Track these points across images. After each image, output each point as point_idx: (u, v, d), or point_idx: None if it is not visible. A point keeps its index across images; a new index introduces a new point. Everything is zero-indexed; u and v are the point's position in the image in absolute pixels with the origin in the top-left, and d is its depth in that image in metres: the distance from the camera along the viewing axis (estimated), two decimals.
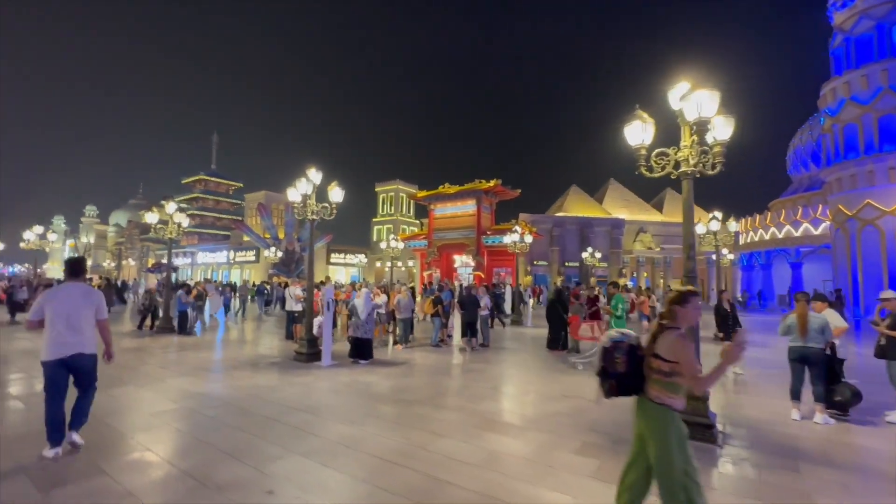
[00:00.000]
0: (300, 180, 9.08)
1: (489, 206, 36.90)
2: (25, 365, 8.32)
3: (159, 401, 5.94)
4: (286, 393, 6.36)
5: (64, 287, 4.30)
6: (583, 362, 8.80)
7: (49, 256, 78.45)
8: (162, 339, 11.62)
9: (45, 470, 3.72)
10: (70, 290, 4.23)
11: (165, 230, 13.43)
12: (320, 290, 10.63)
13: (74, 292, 4.21)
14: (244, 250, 44.44)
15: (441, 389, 6.79)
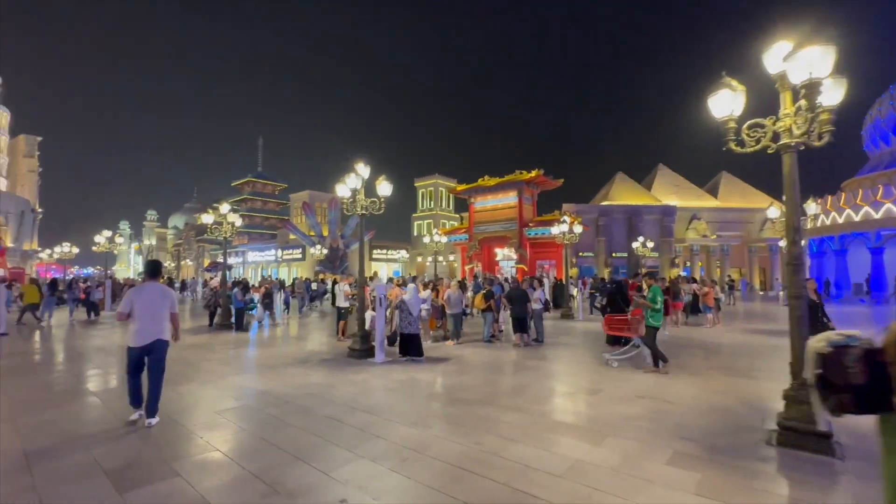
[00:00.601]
0: (349, 175, 8.97)
1: (531, 198, 35.99)
2: (101, 361, 8.76)
3: (222, 398, 5.99)
4: (344, 391, 6.24)
5: (146, 286, 5.08)
6: (617, 359, 8.22)
7: (117, 259, 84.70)
8: (221, 336, 12.00)
9: (122, 471, 3.72)
10: (151, 288, 5.03)
11: (220, 230, 13.87)
12: (369, 286, 10.58)
13: (154, 290, 5.02)
14: (291, 248, 45.93)
15: (501, 388, 6.46)
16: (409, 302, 8.68)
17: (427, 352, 9.08)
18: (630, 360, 8.09)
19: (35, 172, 51.51)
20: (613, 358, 8.24)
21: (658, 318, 7.56)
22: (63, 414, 5.36)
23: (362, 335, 8.86)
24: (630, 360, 8.09)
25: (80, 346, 10.44)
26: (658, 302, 7.55)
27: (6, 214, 38.83)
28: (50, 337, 12.05)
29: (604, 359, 8.37)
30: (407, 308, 8.65)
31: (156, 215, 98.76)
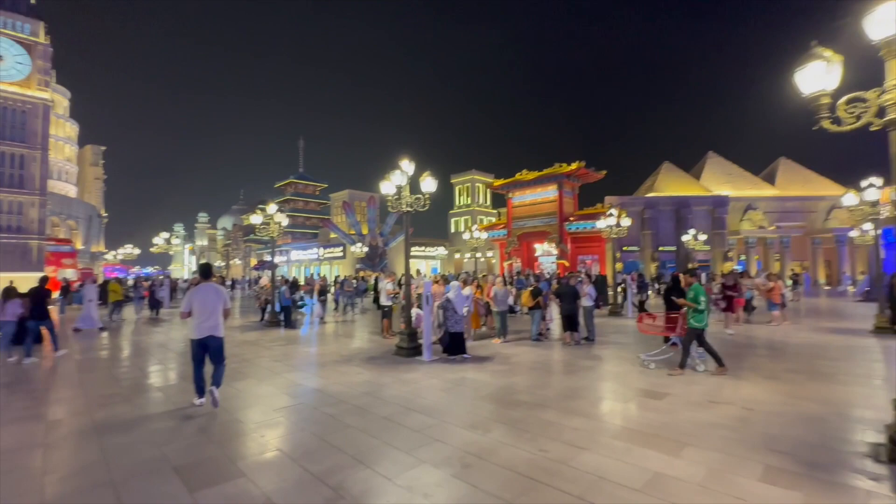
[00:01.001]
0: (393, 173, 8.91)
1: (571, 191, 34.98)
2: (162, 356, 9.18)
3: (279, 396, 6.06)
4: (397, 391, 6.16)
5: (202, 286, 5.59)
6: (655, 360, 7.68)
7: (173, 259, 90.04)
8: (271, 333, 12.34)
9: (191, 469, 3.77)
10: (207, 288, 5.57)
11: (268, 230, 14.27)
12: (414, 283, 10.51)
13: (210, 290, 5.56)
14: (332, 247, 47.06)
15: (558, 390, 6.16)
16: (453, 300, 8.53)
17: (472, 350, 8.90)
18: (666, 362, 7.55)
19: (100, 180, 55.53)
20: (650, 359, 7.75)
21: (701, 318, 7.00)
22: (132, 408, 5.58)
23: (409, 333, 8.79)
24: (666, 362, 7.55)
25: (144, 342, 11.02)
26: (701, 301, 7.01)
27: (76, 219, 42.05)
28: (119, 333, 12.81)
29: (640, 360, 7.91)
30: (452, 306, 8.50)
31: (206, 217, 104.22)
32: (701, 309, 6.96)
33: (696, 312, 7.00)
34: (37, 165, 27.64)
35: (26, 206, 27.17)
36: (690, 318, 7.04)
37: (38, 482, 3.59)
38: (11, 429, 4.87)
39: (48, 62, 28.48)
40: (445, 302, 8.52)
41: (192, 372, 5.56)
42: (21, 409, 5.63)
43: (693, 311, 7.01)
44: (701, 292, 7.03)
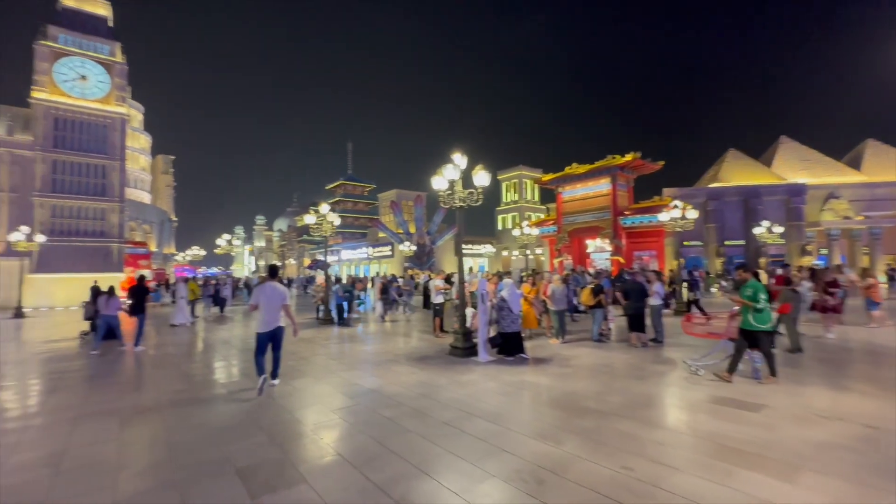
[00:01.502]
0: (445, 167, 8.64)
1: (625, 184, 33.19)
2: (226, 353, 9.49)
3: (335, 395, 5.96)
4: (455, 393, 5.88)
5: (267, 284, 6.31)
6: (701, 365, 6.85)
7: (234, 259, 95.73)
8: (325, 331, 12.52)
9: (252, 472, 3.68)
10: (271, 286, 6.26)
11: (321, 229, 14.53)
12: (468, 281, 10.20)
13: (273, 288, 6.24)
14: (380, 246, 47.87)
15: (631, 397, 5.61)
16: (508, 299, 8.12)
17: (529, 351, 8.45)
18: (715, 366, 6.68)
19: (170, 187, 59.96)
20: (696, 364, 6.94)
21: (764, 318, 6.16)
22: (197, 405, 5.69)
23: (464, 333, 8.49)
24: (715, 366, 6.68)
25: (211, 339, 11.51)
26: (760, 300, 6.14)
27: (150, 223, 45.65)
28: (188, 330, 13.53)
29: (686, 365, 7.13)
30: (507, 305, 8.10)
31: (264, 220, 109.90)
32: (761, 308, 6.16)
33: (756, 313, 6.20)
34: (116, 175, 30.10)
35: (108, 213, 29.70)
36: (750, 318, 6.24)
37: (111, 479, 3.63)
38: (90, 422, 5.07)
39: (124, 79, 30.95)
40: (500, 301, 8.14)
41: (254, 359, 6.22)
42: (99, 402, 5.90)
43: (753, 311, 6.23)
44: (760, 289, 6.22)
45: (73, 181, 28.72)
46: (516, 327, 8.08)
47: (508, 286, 8.36)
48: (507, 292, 8.16)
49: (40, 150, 27.52)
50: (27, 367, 8.48)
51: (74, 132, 28.89)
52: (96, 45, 30.17)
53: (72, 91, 28.88)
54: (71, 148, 28.65)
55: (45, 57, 28.05)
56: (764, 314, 6.16)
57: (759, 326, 6.15)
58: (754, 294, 6.15)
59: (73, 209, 28.68)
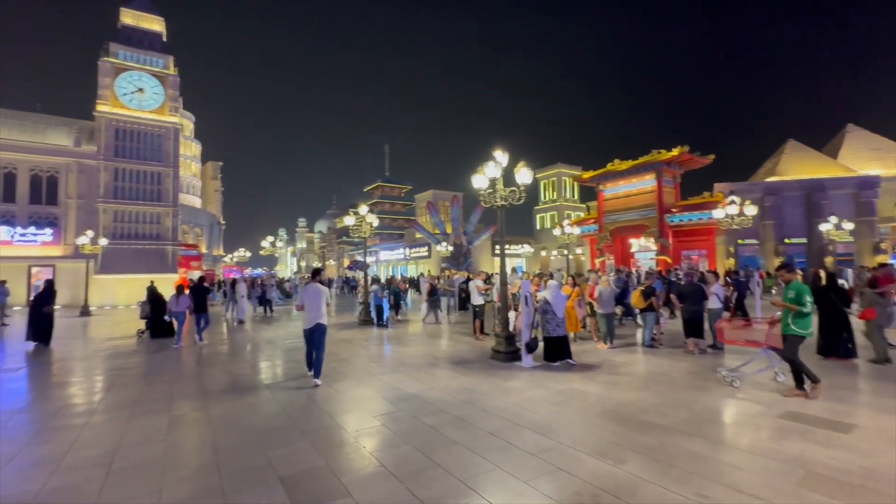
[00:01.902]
0: (486, 165, 8.36)
1: (672, 180, 31.60)
2: (271, 353, 9.65)
3: (377, 400, 5.82)
4: (501, 401, 5.59)
5: (310, 285, 6.92)
6: (737, 376, 6.19)
7: (278, 260, 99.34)
8: (365, 331, 12.53)
9: (296, 482, 3.56)
10: (314, 287, 6.86)
11: (360, 230, 14.61)
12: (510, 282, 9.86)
13: (316, 288, 6.84)
14: (417, 247, 48.08)
15: (696, 411, 5.11)
16: (551, 301, 7.72)
17: (576, 356, 8.00)
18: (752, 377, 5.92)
19: (219, 191, 63.01)
20: (732, 374, 6.29)
21: (806, 324, 5.50)
22: (243, 406, 5.71)
23: (506, 336, 8.18)
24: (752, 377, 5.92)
25: (257, 339, 11.79)
26: (806, 303, 5.42)
27: (201, 226, 48.10)
28: (235, 330, 13.96)
29: (721, 375, 6.49)
30: (551, 308, 7.71)
31: (305, 222, 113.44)
32: (807, 312, 5.47)
33: (799, 317, 5.52)
34: (170, 181, 31.84)
35: (163, 217, 31.46)
36: (791, 323, 5.58)
37: (158, 482, 3.62)
38: (141, 420, 5.18)
39: (177, 90, 32.73)
40: (544, 304, 7.76)
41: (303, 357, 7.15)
42: (150, 400, 6.05)
43: (795, 314, 5.54)
44: (806, 291, 5.53)
45: (132, 187, 30.64)
46: (562, 331, 7.68)
47: (552, 288, 7.97)
48: (550, 294, 7.77)
49: (103, 159, 29.53)
50: (91, 362, 8.94)
51: (133, 142, 30.82)
52: (152, 59, 32.05)
53: (130, 103, 30.81)
54: (130, 157, 30.58)
55: (107, 72, 30.09)
56: (807, 320, 5.54)
57: (799, 332, 5.54)
58: (797, 296, 5.53)
59: (132, 214, 30.59)
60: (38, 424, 5.19)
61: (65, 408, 5.83)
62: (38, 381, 7.58)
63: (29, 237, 27.57)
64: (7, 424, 5.19)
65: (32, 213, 27.93)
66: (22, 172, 27.74)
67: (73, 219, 28.57)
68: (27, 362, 9.08)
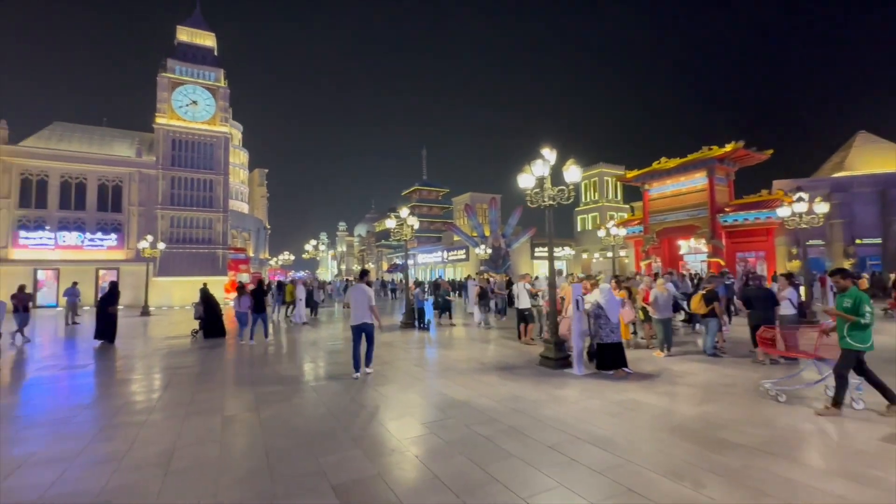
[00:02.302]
0: (533, 163, 8.05)
1: (725, 178, 29.78)
2: (316, 354, 9.73)
3: (425, 407, 5.65)
4: (556, 411, 5.27)
5: (357, 286, 7.43)
6: (783, 389, 5.58)
7: (319, 263, 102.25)
8: (407, 334, 12.46)
9: (348, 491, 3.43)
10: (360, 287, 7.38)
11: (401, 233, 14.61)
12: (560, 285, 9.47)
13: (362, 289, 7.35)
14: (455, 249, 47.99)
15: (780, 429, 4.58)
16: (605, 306, 7.29)
17: (630, 364, 7.51)
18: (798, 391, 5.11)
19: (265, 197, 65.74)
20: (778, 388, 5.66)
21: (865, 337, 4.85)
22: (291, 408, 5.70)
23: (556, 342, 7.81)
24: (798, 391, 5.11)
25: (304, 340, 12.00)
26: (865, 313, 4.74)
27: (248, 231, 50.27)
28: (282, 331, 14.31)
29: (763, 389, 5.89)
30: (604, 313, 7.27)
31: (345, 226, 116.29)
32: (866, 323, 4.77)
33: (856, 329, 4.86)
34: (221, 188, 33.45)
35: (214, 222, 33.07)
36: (847, 335, 4.92)
37: (213, 485, 3.60)
38: (196, 419, 5.26)
39: (227, 102, 34.39)
40: (597, 309, 7.34)
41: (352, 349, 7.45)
42: (205, 399, 6.18)
43: (852, 325, 4.87)
44: (865, 300, 4.83)
45: (186, 195, 32.41)
46: (616, 337, 7.23)
47: (605, 292, 7.54)
48: (603, 298, 7.35)
49: (161, 168, 31.43)
50: (150, 360, 9.35)
51: (187, 151, 32.63)
52: (204, 73, 33.85)
53: (185, 115, 32.66)
54: (184, 165, 32.38)
55: (164, 87, 32.06)
56: (866, 332, 4.88)
57: (856, 346, 4.89)
58: (855, 306, 4.88)
59: (186, 220, 32.34)
60: (102, 420, 5.40)
61: (127, 405, 6.05)
62: (104, 377, 7.98)
63: (97, 242, 29.70)
64: (75, 420, 5.43)
65: (100, 219, 30.09)
66: (91, 182, 29.97)
67: (134, 225, 30.54)
68: (94, 359, 9.62)
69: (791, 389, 5.77)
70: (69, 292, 17.73)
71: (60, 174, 29.15)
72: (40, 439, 4.71)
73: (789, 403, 5.43)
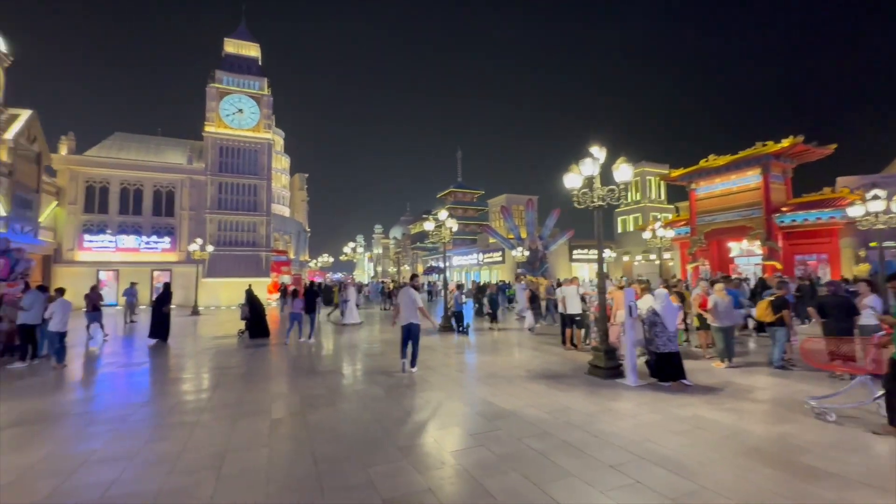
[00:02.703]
0: (582, 161, 7.69)
1: (781, 175, 27.84)
2: (360, 357, 9.74)
3: (472, 417, 5.44)
4: (613, 426, 4.92)
5: (406, 289, 8.04)
6: (830, 407, 4.99)
7: (356, 265, 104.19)
8: (447, 338, 12.30)
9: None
10: (407, 290, 8.00)
11: (439, 235, 14.50)
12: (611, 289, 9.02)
13: (409, 292, 7.96)
14: (490, 252, 47.53)
15: (882, 458, 4.06)
16: (662, 313, 6.82)
17: (688, 375, 6.99)
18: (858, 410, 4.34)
19: (305, 201, 67.76)
20: (827, 407, 5.05)
21: None
22: (337, 413, 5.64)
23: (607, 350, 7.40)
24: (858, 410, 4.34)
25: (346, 342, 12.09)
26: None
27: (290, 234, 51.93)
28: (321, 334, 14.51)
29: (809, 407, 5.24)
30: (661, 320, 6.81)
31: (381, 228, 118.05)
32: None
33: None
34: (264, 192, 34.68)
35: (258, 225, 34.32)
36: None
37: (263, 491, 3.54)
38: (245, 422, 5.29)
39: (270, 109, 35.67)
40: (652, 315, 6.89)
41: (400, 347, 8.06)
42: (253, 401, 6.25)
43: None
44: None
45: (232, 199, 33.81)
46: (674, 346, 6.75)
47: (661, 297, 7.07)
48: (660, 304, 6.88)
49: (210, 174, 32.94)
50: (201, 359, 9.67)
51: (233, 157, 34.05)
52: (249, 82, 35.26)
53: (231, 123, 34.10)
54: (231, 171, 33.81)
55: (213, 97, 33.62)
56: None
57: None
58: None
59: (232, 223, 33.73)
60: (157, 419, 5.54)
61: (179, 404, 6.21)
62: (157, 375, 8.29)
63: (152, 245, 31.47)
64: (132, 418, 5.60)
65: (154, 223, 31.87)
66: (147, 188, 31.82)
67: (185, 228, 32.14)
68: (149, 357, 10.06)
69: (840, 407, 5.15)
70: (128, 292, 18.79)
71: (120, 181, 31.11)
72: (100, 437, 4.87)
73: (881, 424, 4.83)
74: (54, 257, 28.59)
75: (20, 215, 23.65)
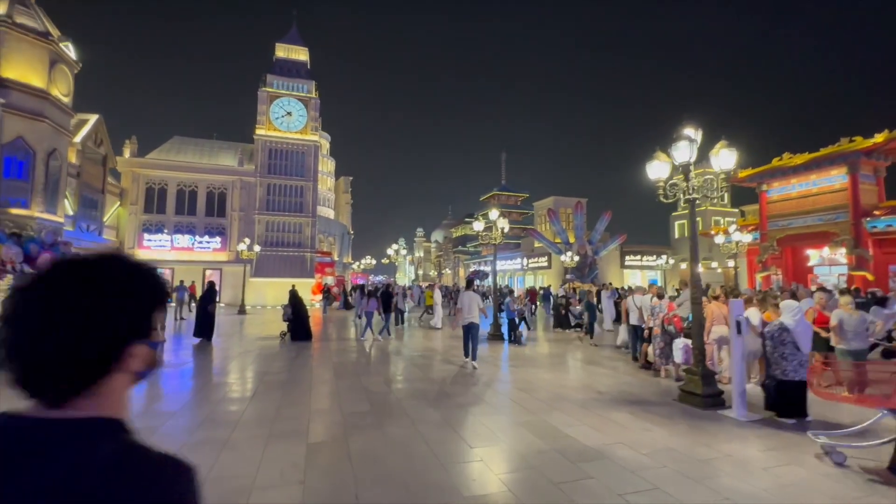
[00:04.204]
0: (675, 146, 6.46)
1: (872, 174, 24.66)
2: (406, 367, 8.90)
3: (551, 456, 4.36)
4: (744, 484, 3.70)
5: (466, 292, 9.01)
6: (838, 444, 3.87)
7: (398, 268, 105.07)
8: (497, 348, 11.27)
9: None
10: (469, 294, 8.93)
11: (489, 237, 13.51)
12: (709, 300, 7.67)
13: (469, 295, 8.89)
14: (536, 256, 45.88)
15: None
16: (794, 330, 5.46)
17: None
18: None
19: (349, 204, 68.82)
20: (833, 443, 4.01)
21: None
22: (384, 438, 4.77)
23: (704, 374, 6.10)
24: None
25: (391, 350, 11.33)
26: None
27: (334, 236, 52.68)
28: (388, 337, 13.87)
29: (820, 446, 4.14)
30: (791, 339, 5.45)
31: (422, 232, 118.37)
32: None
33: None
34: (310, 194, 35.11)
35: (303, 226, 34.76)
36: None
37: None
38: (279, 447, 4.51)
39: (317, 112, 36.17)
40: (780, 332, 5.53)
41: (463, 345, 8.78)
42: (289, 416, 5.52)
43: None
44: None
45: (280, 200, 34.43)
46: (804, 374, 5.38)
47: (793, 310, 5.68)
48: (792, 319, 5.52)
49: (259, 176, 33.73)
50: (242, 362, 9.23)
51: (281, 159, 34.72)
52: (298, 86, 35.90)
53: (280, 126, 34.81)
54: (278, 173, 34.48)
55: (264, 100, 34.47)
56: None
57: None
58: None
59: (279, 224, 34.34)
60: (183, 435, 4.89)
61: (212, 415, 5.58)
62: (196, 380, 7.84)
63: (204, 244, 32.54)
64: (161, 429, 5.01)
65: (207, 223, 32.96)
66: (200, 190, 32.98)
67: (235, 228, 33.02)
68: (192, 357, 9.72)
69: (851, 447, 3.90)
70: (179, 290, 19.15)
71: (177, 183, 32.42)
72: None
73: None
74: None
75: (86, 214, 24.97)
